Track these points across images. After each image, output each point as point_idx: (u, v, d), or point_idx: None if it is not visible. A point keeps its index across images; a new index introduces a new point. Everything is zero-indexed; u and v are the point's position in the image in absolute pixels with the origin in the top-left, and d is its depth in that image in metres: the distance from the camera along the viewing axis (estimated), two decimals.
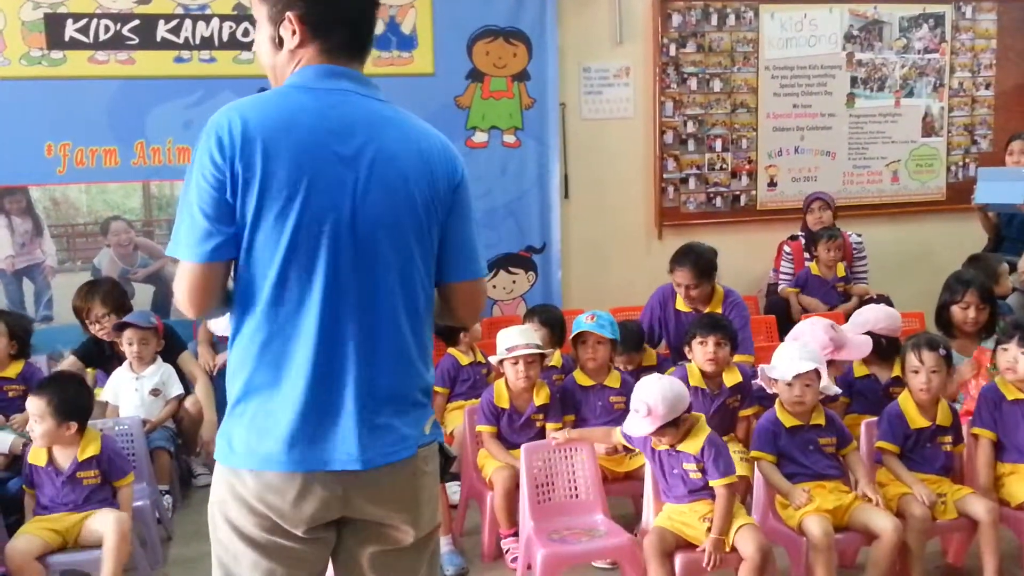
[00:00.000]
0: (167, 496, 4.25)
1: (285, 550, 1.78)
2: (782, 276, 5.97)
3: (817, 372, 3.40)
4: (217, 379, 4.76)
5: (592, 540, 3.39)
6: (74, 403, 3.55)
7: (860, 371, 4.08)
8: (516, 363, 3.85)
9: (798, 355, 3.49)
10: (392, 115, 1.85)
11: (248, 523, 1.77)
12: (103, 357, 4.73)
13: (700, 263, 4.60)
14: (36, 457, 3.54)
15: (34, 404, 3.49)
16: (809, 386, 3.41)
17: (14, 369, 4.36)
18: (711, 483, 3.21)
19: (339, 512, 1.78)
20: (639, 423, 3.21)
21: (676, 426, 3.23)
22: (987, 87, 6.84)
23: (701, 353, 3.91)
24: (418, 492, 1.84)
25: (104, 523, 3.36)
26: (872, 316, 4.13)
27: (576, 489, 3.60)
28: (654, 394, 3.18)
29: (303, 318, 1.73)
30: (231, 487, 1.77)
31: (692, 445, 3.26)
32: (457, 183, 1.88)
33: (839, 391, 3.67)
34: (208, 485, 4.73)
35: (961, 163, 6.85)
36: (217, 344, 5.11)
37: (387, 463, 1.77)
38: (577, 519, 3.50)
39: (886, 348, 4.01)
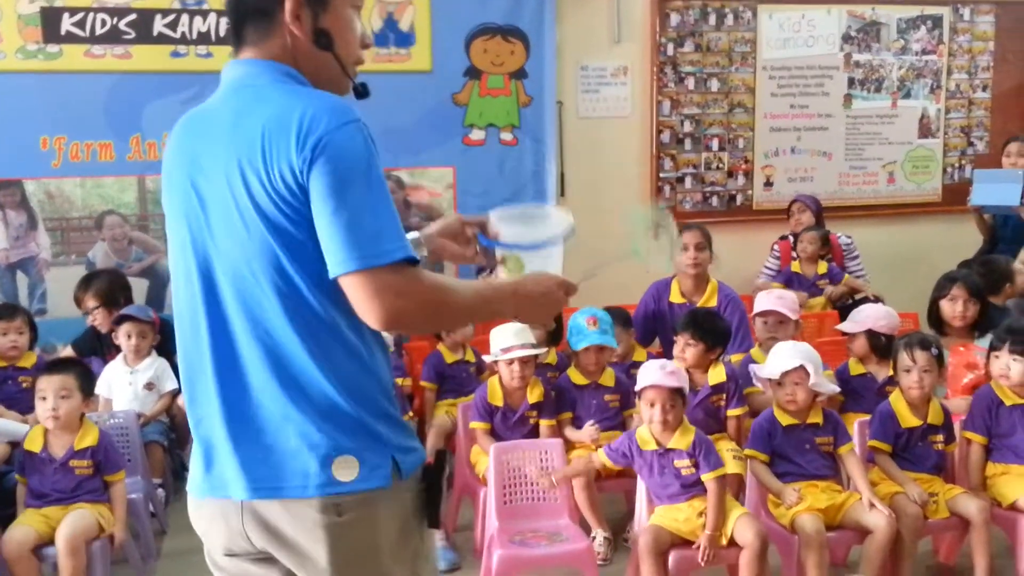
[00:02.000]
0: (160, 490, 4.25)
1: (237, 570, 1.70)
2: (763, 271, 5.99)
3: (805, 369, 3.40)
4: None
5: (552, 545, 3.37)
6: (93, 382, 3.61)
7: (856, 369, 4.09)
8: (511, 363, 3.86)
9: (787, 353, 3.49)
10: (243, 95, 1.67)
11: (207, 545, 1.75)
12: (101, 348, 4.72)
13: (704, 228, 4.82)
14: (32, 442, 3.54)
15: (58, 381, 3.50)
16: (799, 384, 3.41)
17: (29, 360, 4.38)
18: (703, 477, 3.23)
19: (251, 546, 1.64)
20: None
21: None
22: (984, 89, 6.84)
23: (676, 349, 3.96)
24: (327, 548, 1.58)
25: (61, 532, 3.31)
26: (872, 313, 4.15)
27: (545, 492, 3.56)
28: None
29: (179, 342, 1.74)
30: None
31: (683, 441, 3.28)
32: (312, 148, 1.53)
33: (835, 388, 3.67)
34: None
35: (957, 165, 6.85)
36: None
37: (260, 499, 1.59)
38: (542, 522, 3.49)
39: (884, 346, 4.01)
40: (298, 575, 1.63)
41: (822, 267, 5.73)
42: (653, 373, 3.31)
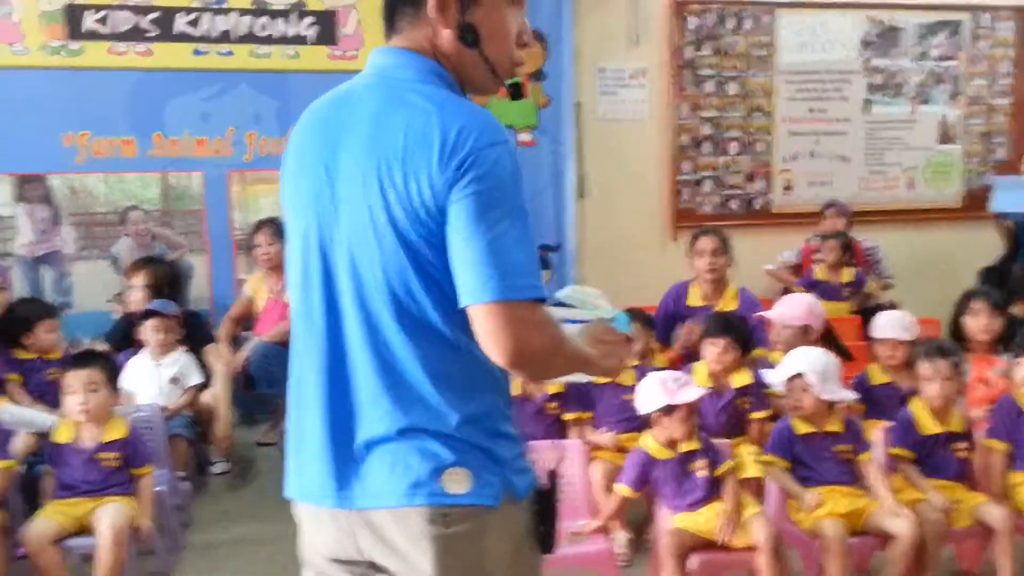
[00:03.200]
0: (185, 483, 4.27)
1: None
2: (778, 259, 5.99)
3: (811, 377, 3.42)
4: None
5: (572, 546, 3.38)
6: (118, 375, 3.64)
7: (879, 379, 4.09)
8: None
9: (792, 360, 3.52)
10: (385, 93, 1.60)
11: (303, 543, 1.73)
12: (132, 339, 4.74)
13: (721, 232, 4.81)
14: (61, 434, 3.56)
15: (85, 375, 3.52)
16: (805, 391, 3.43)
17: (56, 354, 4.39)
18: (716, 473, 3.30)
19: (359, 554, 1.61)
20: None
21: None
22: (1004, 95, 6.84)
23: (710, 354, 3.95)
24: (432, 559, 1.54)
25: (102, 522, 3.33)
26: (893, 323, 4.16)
27: (566, 493, 3.58)
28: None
29: (294, 345, 1.70)
30: None
31: (694, 443, 3.34)
32: (456, 167, 1.47)
33: (849, 395, 3.67)
34: (224, 473, 4.83)
35: (978, 171, 6.86)
36: (238, 340, 5.14)
37: (371, 507, 1.56)
38: (564, 523, 3.48)
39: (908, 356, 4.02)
40: None
41: (847, 275, 5.69)
42: (675, 392, 3.33)
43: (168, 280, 4.90)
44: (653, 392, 3.35)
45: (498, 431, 1.58)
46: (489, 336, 1.47)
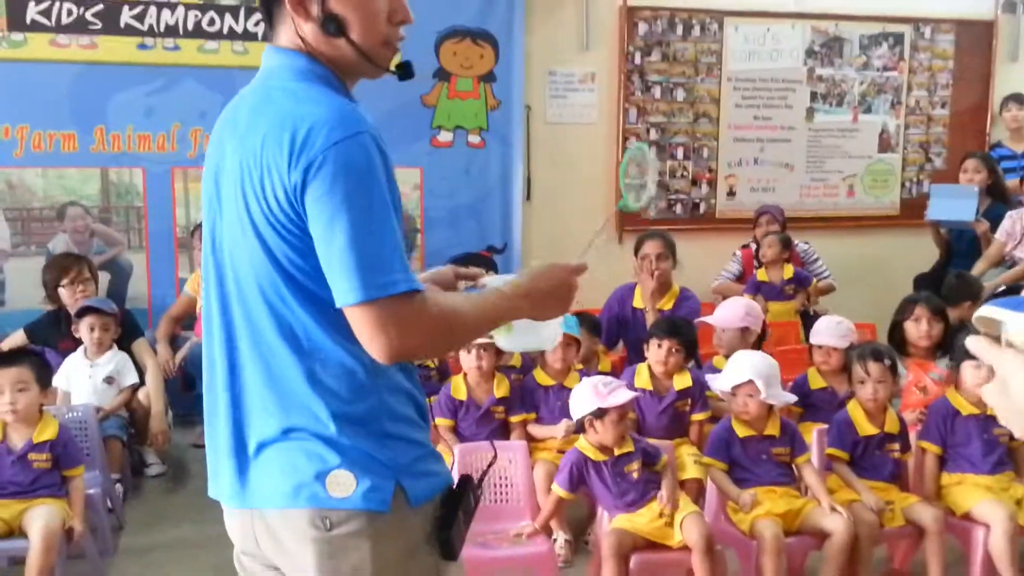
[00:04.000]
0: (118, 485, 4.21)
1: (253, 572, 1.70)
2: (722, 273, 6.05)
3: (756, 383, 3.46)
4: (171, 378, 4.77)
5: (512, 547, 3.39)
6: (50, 374, 3.55)
7: (817, 383, 4.15)
8: (469, 351, 3.87)
9: (739, 366, 3.55)
10: (259, 93, 1.60)
11: None
12: (56, 334, 4.65)
13: (667, 237, 4.88)
14: None
15: (14, 374, 3.45)
16: (751, 396, 3.47)
17: None
18: (656, 468, 3.34)
19: (259, 550, 1.63)
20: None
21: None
22: (943, 106, 6.97)
23: (655, 354, 3.98)
24: (315, 561, 1.53)
25: (33, 525, 3.26)
26: (829, 328, 4.21)
27: (507, 493, 3.59)
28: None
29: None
30: None
31: (627, 446, 3.36)
32: (306, 168, 1.44)
33: (791, 399, 3.72)
34: (160, 475, 4.75)
35: (915, 179, 6.98)
36: (177, 340, 5.07)
37: (262, 507, 1.58)
38: (505, 524, 3.47)
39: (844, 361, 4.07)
40: None
41: (788, 271, 5.75)
42: (606, 396, 3.34)
43: (93, 271, 4.84)
44: (585, 396, 3.36)
45: (387, 433, 1.55)
46: (364, 337, 1.46)
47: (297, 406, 1.53)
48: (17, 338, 4.63)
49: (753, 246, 6.06)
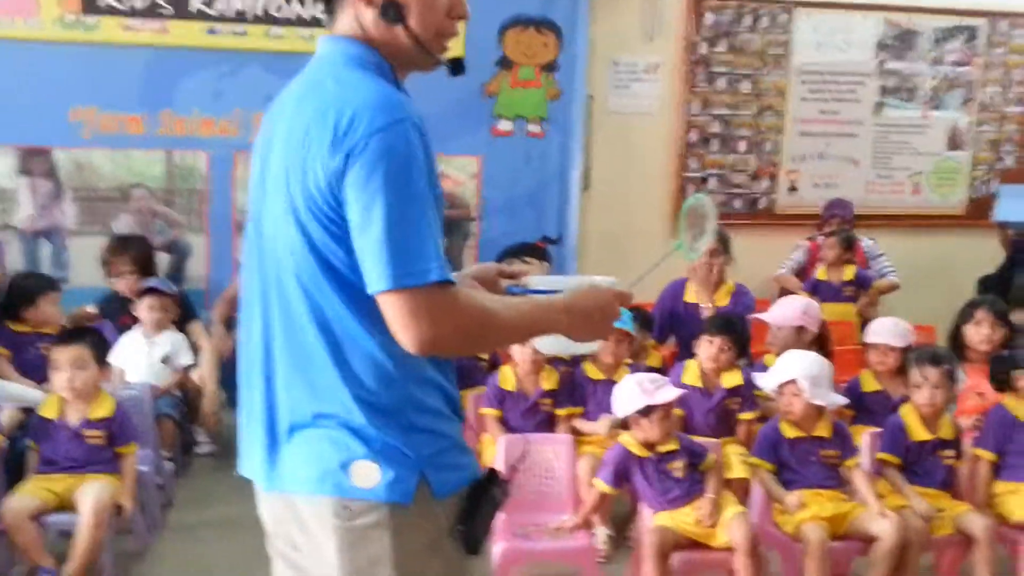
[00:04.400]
0: (169, 463, 4.29)
1: (283, 553, 1.71)
2: (786, 262, 5.94)
3: (804, 383, 3.40)
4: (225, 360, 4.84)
5: (554, 540, 3.38)
6: (107, 351, 3.67)
7: (870, 386, 4.07)
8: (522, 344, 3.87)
9: (785, 365, 3.51)
10: (309, 80, 1.61)
11: None
12: (120, 312, 4.76)
13: (721, 232, 4.74)
14: (48, 409, 3.58)
15: (73, 352, 3.54)
16: (797, 396, 3.41)
17: (53, 328, 4.37)
18: (701, 467, 3.31)
19: (285, 531, 1.65)
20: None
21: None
22: (1017, 103, 6.75)
23: (705, 351, 3.93)
24: (336, 548, 1.55)
25: (85, 499, 3.33)
26: (887, 329, 4.12)
27: (551, 486, 3.58)
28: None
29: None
30: None
31: (671, 443, 3.34)
32: (347, 155, 1.45)
33: (840, 400, 3.64)
34: (209, 454, 4.85)
35: (984, 178, 6.78)
36: (233, 322, 5.15)
37: (289, 492, 1.59)
38: (548, 517, 3.47)
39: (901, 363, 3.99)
40: (315, 570, 1.61)
41: (849, 272, 5.64)
42: (653, 393, 3.32)
43: (149, 255, 4.95)
44: (630, 393, 3.34)
45: (413, 425, 1.55)
46: (394, 325, 1.46)
47: (326, 393, 1.54)
48: (88, 311, 4.74)
49: (820, 239, 5.95)
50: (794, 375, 3.42)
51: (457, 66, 1.69)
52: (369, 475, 1.51)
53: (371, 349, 1.53)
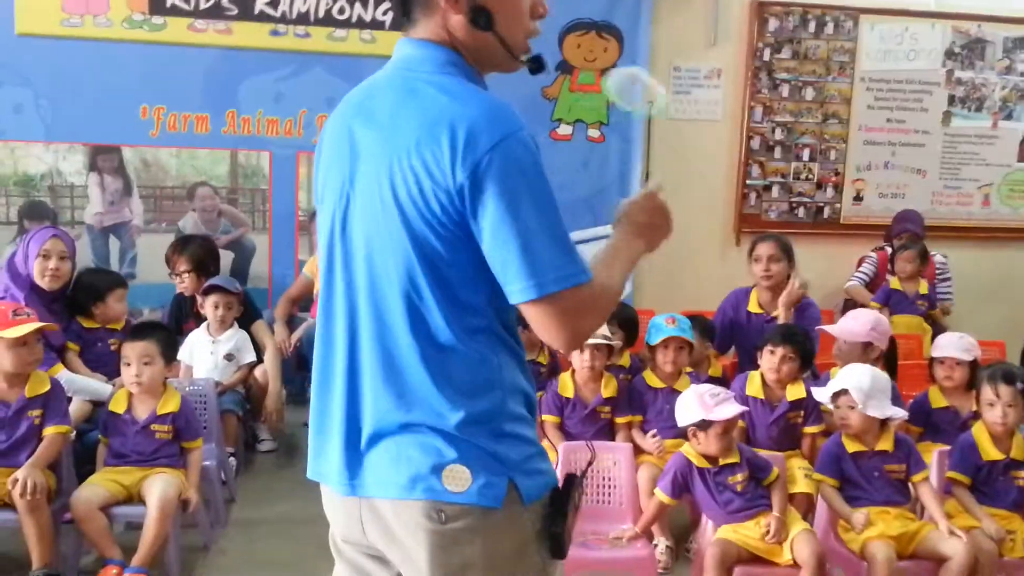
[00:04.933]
0: (232, 459, 4.34)
1: (348, 555, 1.72)
2: (856, 275, 5.87)
3: (855, 394, 3.34)
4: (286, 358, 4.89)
5: (613, 549, 3.36)
6: (175, 348, 3.73)
7: (939, 402, 3.99)
8: (582, 351, 3.85)
9: (841, 376, 3.47)
10: (401, 84, 1.59)
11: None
12: (186, 316, 4.84)
13: (782, 239, 4.75)
14: (116, 404, 3.63)
15: (141, 348, 3.59)
16: (853, 408, 3.36)
17: (120, 323, 4.45)
18: (764, 482, 3.26)
19: (364, 539, 1.64)
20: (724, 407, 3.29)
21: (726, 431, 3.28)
22: None
23: (768, 361, 3.89)
24: (427, 553, 1.55)
25: (152, 492, 3.39)
26: (952, 344, 4.04)
27: (610, 495, 3.57)
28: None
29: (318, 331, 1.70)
30: None
31: (733, 457, 3.30)
32: (473, 169, 1.45)
33: (899, 412, 3.56)
34: (271, 451, 4.89)
35: None
36: (294, 320, 5.21)
37: (374, 496, 1.58)
38: (607, 525, 3.45)
39: (968, 378, 3.91)
40: (404, 573, 1.62)
41: (923, 287, 5.57)
42: (712, 408, 3.30)
43: (210, 254, 5.02)
44: (690, 405, 3.31)
45: (504, 431, 1.56)
46: (550, 328, 1.51)
47: (418, 400, 1.54)
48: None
49: (888, 249, 5.87)
50: (846, 385, 3.37)
51: (538, 64, 1.68)
52: (461, 479, 1.52)
53: (471, 357, 1.54)
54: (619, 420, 3.97)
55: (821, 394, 3.53)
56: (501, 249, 1.47)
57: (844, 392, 3.39)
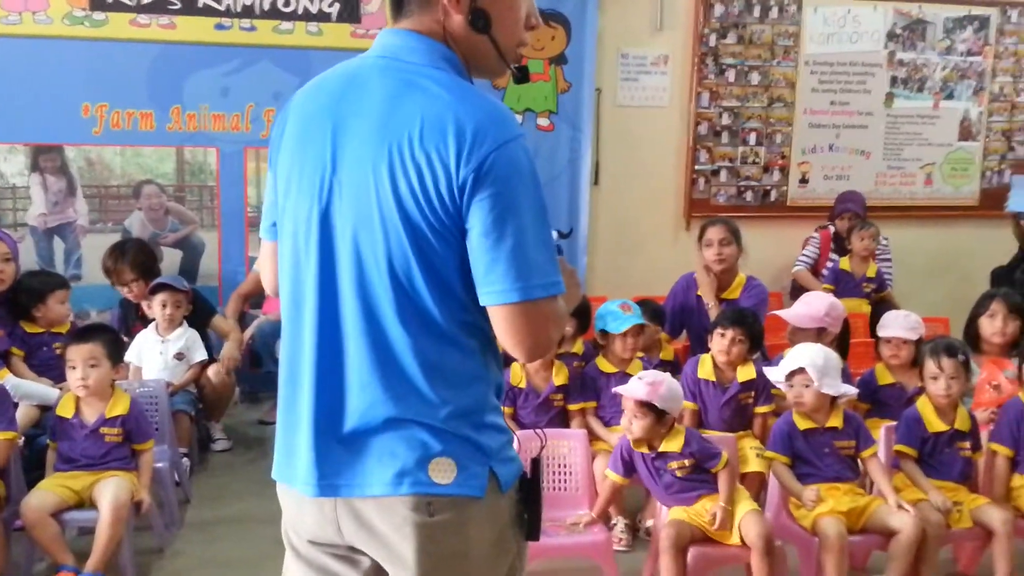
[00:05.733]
0: (185, 459, 4.31)
1: (312, 557, 1.67)
2: (800, 258, 5.95)
3: (811, 372, 3.39)
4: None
5: (570, 535, 3.38)
6: (122, 350, 3.69)
7: (885, 379, 4.07)
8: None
9: (794, 355, 3.51)
10: (395, 76, 1.56)
11: (284, 522, 1.72)
12: (130, 321, 4.80)
13: (730, 223, 4.80)
14: (64, 408, 3.58)
15: (86, 350, 3.53)
16: (807, 386, 3.41)
17: (65, 327, 4.39)
18: (712, 471, 3.27)
19: (340, 538, 1.61)
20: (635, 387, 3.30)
21: (659, 420, 3.28)
22: None
23: (718, 344, 3.93)
24: (415, 546, 1.54)
25: (103, 496, 3.35)
26: (899, 322, 4.12)
27: (566, 481, 3.59)
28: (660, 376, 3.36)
29: (284, 324, 1.65)
30: None
31: (674, 444, 3.30)
32: (476, 168, 1.46)
33: (850, 390, 3.62)
34: (226, 450, 4.86)
35: (996, 169, 6.77)
36: (245, 318, 5.17)
37: (355, 496, 1.55)
38: (564, 512, 3.45)
39: (914, 356, 3.98)
40: (387, 569, 1.59)
41: (872, 269, 5.67)
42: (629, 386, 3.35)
43: (151, 256, 4.94)
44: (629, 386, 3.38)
45: (484, 422, 1.57)
46: (510, 335, 1.51)
47: (407, 394, 1.53)
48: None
49: (831, 228, 5.95)
50: (802, 364, 3.42)
51: (523, 74, 1.70)
52: (447, 471, 1.53)
53: (461, 351, 1.55)
54: (572, 407, 4.00)
55: (775, 373, 3.57)
56: (491, 248, 1.47)
57: (800, 371, 3.43)
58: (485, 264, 1.47)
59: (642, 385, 3.29)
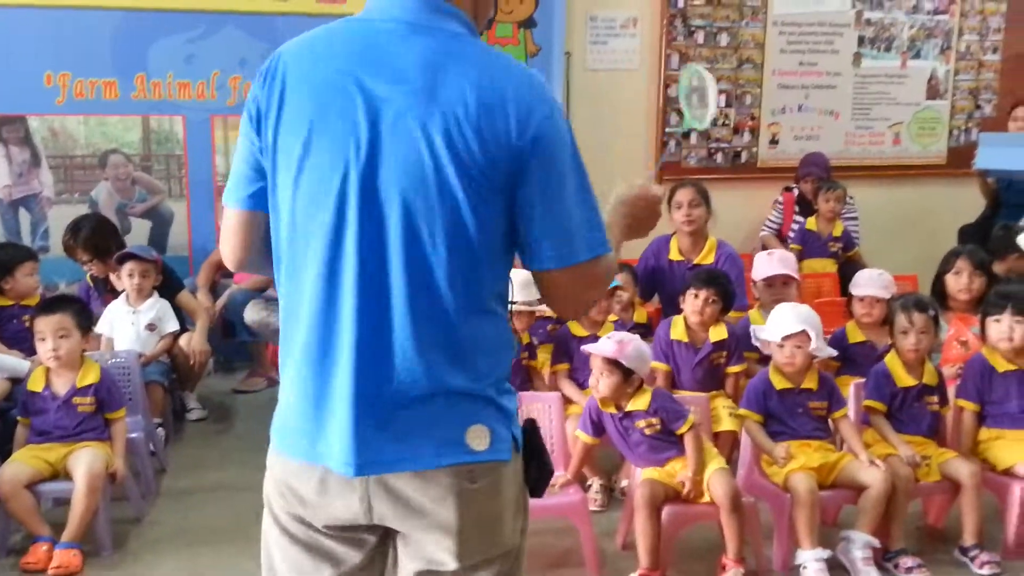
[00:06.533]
0: (160, 429, 4.30)
1: (312, 542, 1.62)
2: (767, 224, 5.99)
3: (807, 334, 3.42)
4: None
5: (546, 497, 3.38)
6: (91, 320, 3.67)
7: (856, 337, 4.11)
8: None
9: (789, 316, 3.51)
10: (427, 41, 1.52)
11: (278, 506, 1.64)
12: (100, 293, 4.75)
13: (699, 185, 4.84)
14: (34, 383, 3.57)
15: (55, 320, 3.52)
16: (800, 348, 3.44)
17: (34, 299, 4.34)
18: (677, 432, 3.29)
19: (367, 518, 1.56)
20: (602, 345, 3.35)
21: (626, 379, 3.30)
22: (994, 51, 6.79)
23: (691, 305, 3.95)
24: (456, 514, 1.54)
25: (78, 467, 3.35)
26: (872, 281, 4.16)
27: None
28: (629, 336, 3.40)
29: (303, 295, 1.54)
30: (270, 463, 1.64)
31: (640, 402, 3.33)
32: (532, 139, 1.47)
33: (832, 352, 3.69)
34: (201, 420, 4.84)
35: (964, 127, 6.82)
36: (217, 287, 5.13)
37: (395, 472, 1.52)
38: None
39: (885, 314, 4.03)
40: (420, 539, 1.57)
41: (838, 228, 5.70)
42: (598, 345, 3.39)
43: (108, 233, 4.82)
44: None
45: (505, 387, 1.61)
46: (565, 295, 1.62)
47: (453, 364, 1.51)
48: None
49: (795, 191, 5.98)
50: (804, 327, 3.44)
51: (489, 23, 1.81)
52: (483, 438, 1.54)
53: (500, 320, 1.60)
54: (545, 369, 4.01)
55: (769, 333, 3.53)
56: (554, 211, 1.51)
57: (800, 332, 3.44)
58: (540, 229, 1.52)
59: (610, 344, 3.31)
